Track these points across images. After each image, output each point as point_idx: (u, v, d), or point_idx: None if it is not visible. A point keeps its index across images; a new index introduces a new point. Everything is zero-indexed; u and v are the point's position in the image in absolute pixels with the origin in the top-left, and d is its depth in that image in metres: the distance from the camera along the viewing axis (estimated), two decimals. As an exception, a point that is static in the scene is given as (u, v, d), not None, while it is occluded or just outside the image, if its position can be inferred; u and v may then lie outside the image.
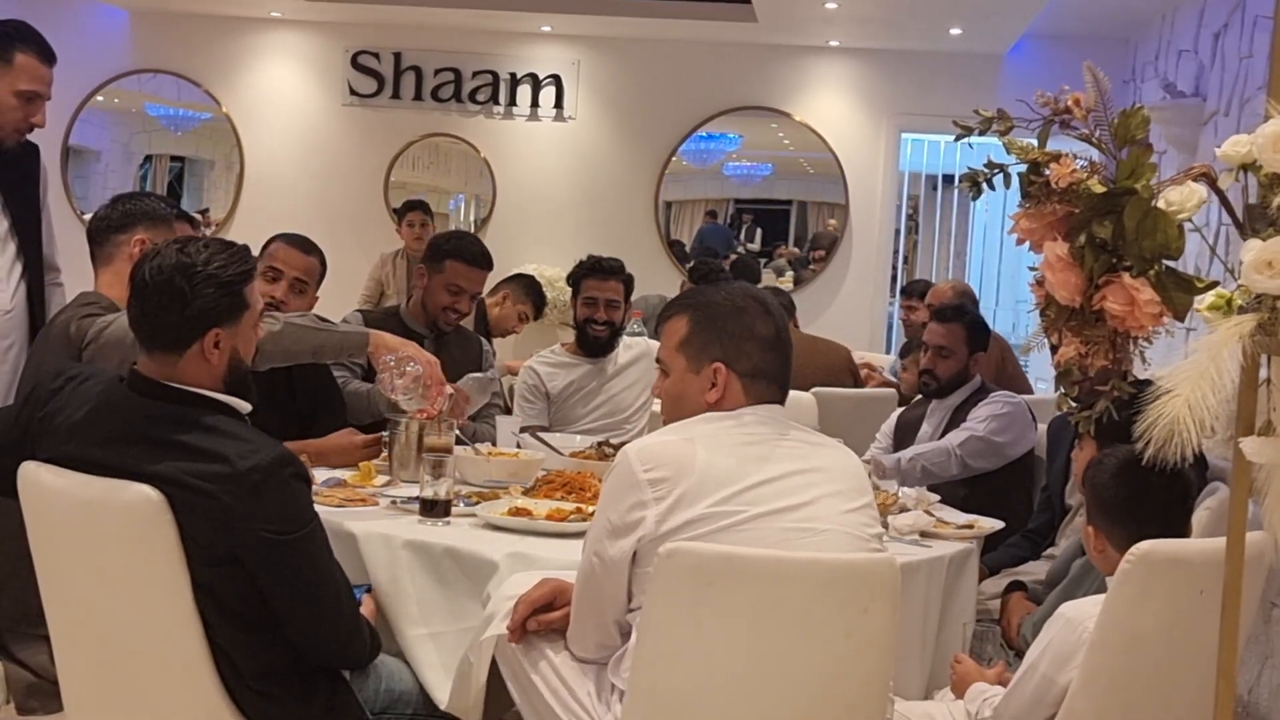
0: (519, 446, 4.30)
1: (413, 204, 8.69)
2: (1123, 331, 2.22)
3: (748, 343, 2.68)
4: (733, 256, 9.67)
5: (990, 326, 5.44)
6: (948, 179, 11.70)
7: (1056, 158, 2.22)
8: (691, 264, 8.70)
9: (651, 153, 9.64)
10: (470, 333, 4.97)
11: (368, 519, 3.28)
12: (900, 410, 5.34)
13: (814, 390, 5.83)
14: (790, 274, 9.85)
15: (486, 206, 9.73)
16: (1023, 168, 2.25)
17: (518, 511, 3.39)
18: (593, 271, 5.24)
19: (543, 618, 2.74)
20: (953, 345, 4.97)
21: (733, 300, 2.73)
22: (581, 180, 9.65)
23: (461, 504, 3.49)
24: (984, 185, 2.27)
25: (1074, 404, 2.44)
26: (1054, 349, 2.35)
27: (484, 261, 4.76)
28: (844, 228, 9.58)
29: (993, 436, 4.75)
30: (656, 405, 4.09)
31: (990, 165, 2.25)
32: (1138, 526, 2.80)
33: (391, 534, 3.15)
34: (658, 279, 9.10)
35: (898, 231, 10.42)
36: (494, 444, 4.29)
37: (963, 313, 5.07)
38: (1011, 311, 10.23)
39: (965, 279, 11.24)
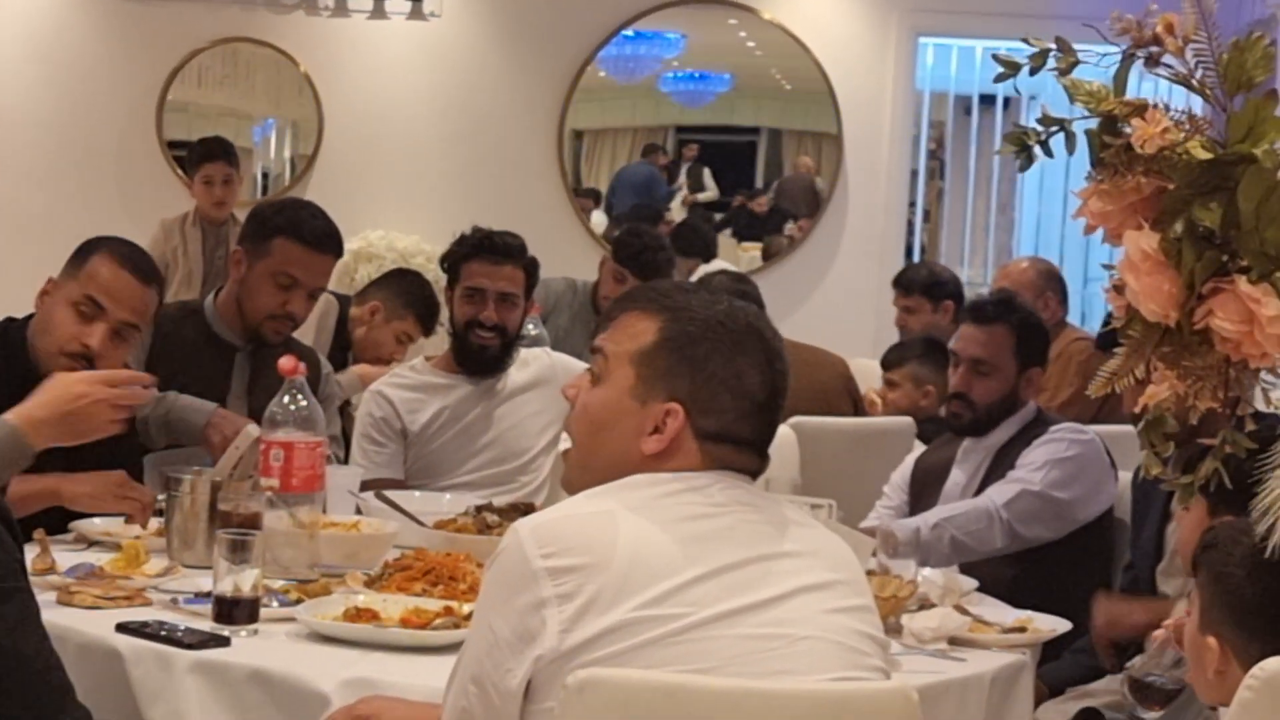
0: (359, 513, 4.28)
1: (211, 148, 8.54)
2: (1238, 360, 2.26)
3: (725, 394, 2.66)
4: (675, 219, 9.67)
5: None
6: (985, 100, 11.74)
7: (1141, 109, 2.25)
8: (617, 234, 8.49)
9: (554, 62, 9.65)
10: (304, 347, 4.96)
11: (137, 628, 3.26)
12: (918, 453, 5.35)
13: (794, 421, 5.80)
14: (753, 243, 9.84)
15: (309, 141, 9.70)
16: (1093, 123, 2.29)
17: (359, 614, 3.39)
18: (479, 251, 5.18)
19: None
20: (995, 358, 4.92)
21: (728, 323, 2.70)
22: (450, 104, 9.63)
23: (275, 602, 3.49)
24: (1036, 150, 2.30)
25: (1165, 464, 2.48)
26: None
27: (330, 244, 4.77)
28: (836, 170, 9.62)
29: (1053, 491, 4.75)
30: (566, 442, 4.06)
31: (1045, 121, 2.28)
32: None
33: (172, 651, 3.14)
34: (563, 250, 9.03)
35: (914, 174, 10.44)
36: (322, 508, 4.28)
37: (1010, 309, 5.06)
38: (1080, 296, 10.30)
39: (1013, 245, 11.34)
